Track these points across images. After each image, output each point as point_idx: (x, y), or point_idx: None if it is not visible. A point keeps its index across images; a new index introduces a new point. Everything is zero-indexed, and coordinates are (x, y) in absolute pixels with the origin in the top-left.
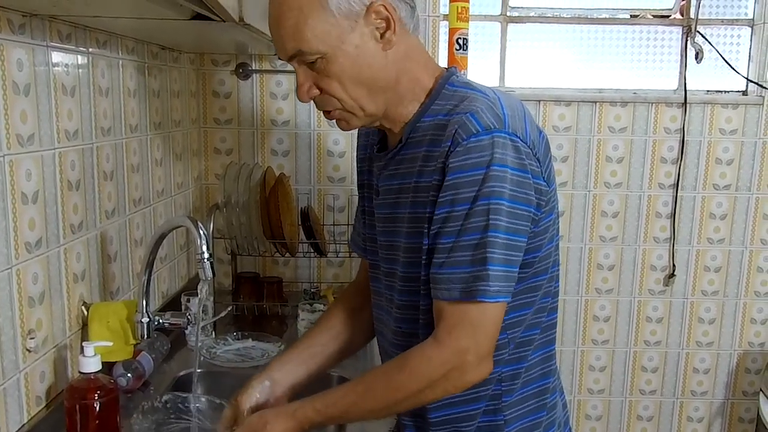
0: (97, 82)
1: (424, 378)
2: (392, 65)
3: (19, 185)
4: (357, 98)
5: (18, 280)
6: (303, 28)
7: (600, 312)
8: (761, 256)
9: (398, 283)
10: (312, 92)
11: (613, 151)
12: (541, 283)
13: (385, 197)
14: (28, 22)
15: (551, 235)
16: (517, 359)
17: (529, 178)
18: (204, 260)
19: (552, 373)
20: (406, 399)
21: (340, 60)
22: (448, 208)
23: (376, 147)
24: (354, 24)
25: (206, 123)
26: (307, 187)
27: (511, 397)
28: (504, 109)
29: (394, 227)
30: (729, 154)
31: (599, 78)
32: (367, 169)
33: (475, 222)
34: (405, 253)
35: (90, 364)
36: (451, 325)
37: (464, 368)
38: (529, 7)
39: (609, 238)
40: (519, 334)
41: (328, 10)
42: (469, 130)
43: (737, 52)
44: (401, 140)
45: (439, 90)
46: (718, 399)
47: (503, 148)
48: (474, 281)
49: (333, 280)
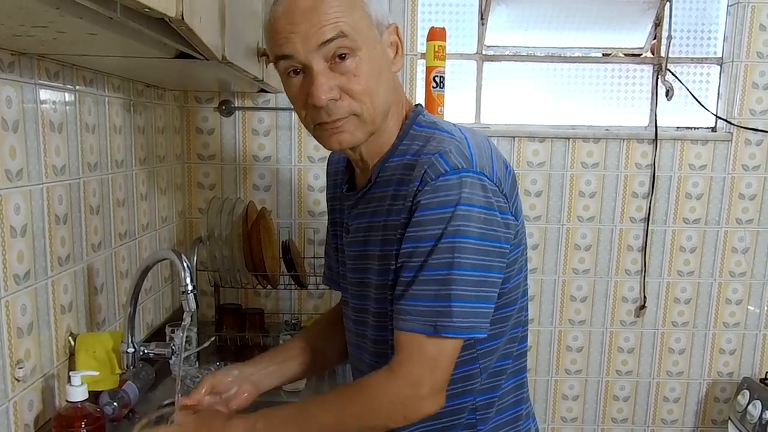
0: (84, 118)
1: (377, 401)
2: (395, 89)
3: (8, 219)
4: (376, 107)
5: (7, 311)
6: (348, 15)
7: (573, 342)
8: (730, 288)
9: (371, 319)
10: (333, 93)
11: (586, 186)
12: (511, 313)
13: (354, 235)
14: (17, 61)
15: (519, 267)
16: (491, 388)
17: (497, 215)
18: (188, 292)
19: (524, 401)
20: (355, 418)
21: (371, 61)
22: (413, 243)
23: (345, 187)
24: (380, 36)
25: (190, 158)
26: (288, 221)
27: (486, 425)
28: (471, 149)
29: (365, 264)
30: (698, 189)
31: (572, 115)
32: (338, 207)
33: (439, 258)
34: (376, 290)
35: (77, 393)
36: (407, 356)
37: (416, 401)
38: (504, 45)
39: (582, 270)
40: (491, 363)
41: (367, 12)
42: (438, 170)
43: (706, 90)
44: (370, 179)
45: (407, 130)
46: (687, 427)
47: (471, 188)
48: (437, 317)
49: (313, 311)
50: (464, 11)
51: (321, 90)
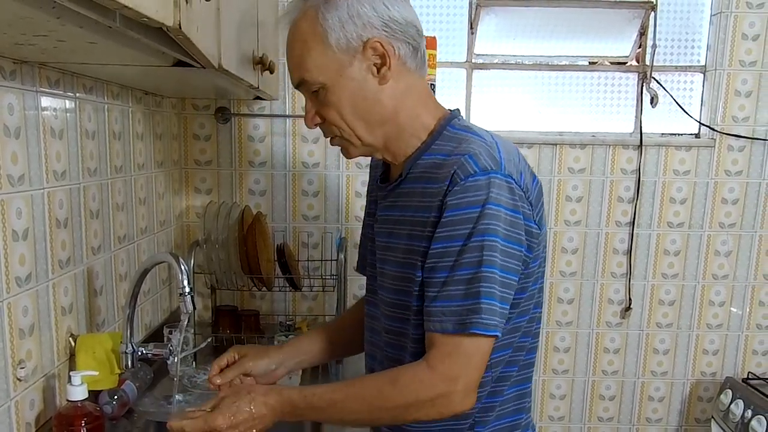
0: (84, 125)
1: (412, 397)
2: (389, 100)
3: (10, 223)
4: (354, 128)
5: (9, 313)
6: (306, 59)
7: (560, 343)
8: (712, 290)
9: (386, 309)
10: (315, 120)
11: (573, 190)
12: (521, 323)
13: (381, 226)
14: (18, 69)
15: (536, 277)
16: (493, 393)
17: (521, 219)
18: (185, 294)
19: (525, 410)
20: (389, 411)
21: (338, 91)
22: (443, 243)
23: (380, 178)
24: (352, 59)
25: (187, 164)
26: (282, 225)
27: (483, 429)
28: (501, 153)
29: (385, 256)
30: (682, 193)
31: (560, 121)
32: (374, 199)
33: (468, 257)
34: (393, 281)
35: (77, 392)
36: (445, 354)
37: (452, 396)
38: (492, 54)
39: (569, 273)
40: (498, 371)
41: (327, 44)
42: (467, 170)
43: (690, 97)
44: (401, 174)
45: (441, 131)
46: (672, 426)
47: (499, 188)
48: (467, 314)
49: (307, 313)
50: (454, 21)
51: (306, 118)
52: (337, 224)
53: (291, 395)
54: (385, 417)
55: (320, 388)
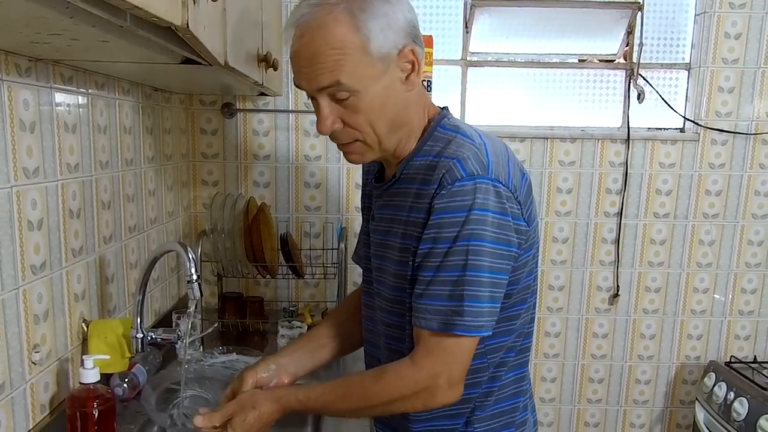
0: (96, 120)
1: (396, 393)
2: (411, 105)
3: (25, 213)
4: (380, 134)
5: (24, 300)
6: (344, 66)
7: (551, 328)
8: (697, 278)
9: (385, 303)
10: (336, 125)
11: (563, 182)
12: (520, 312)
13: (378, 224)
14: (33, 66)
15: (530, 269)
16: (491, 379)
17: (510, 220)
18: (193, 281)
19: (524, 393)
20: (375, 407)
21: (370, 98)
22: (430, 244)
23: (374, 177)
24: (387, 66)
25: (195, 157)
26: (285, 215)
27: (483, 413)
28: (489, 156)
29: (384, 253)
30: (668, 185)
31: (550, 116)
32: (368, 194)
33: (453, 260)
34: (393, 278)
35: (89, 375)
36: (428, 351)
37: (435, 391)
38: (486, 52)
39: (559, 261)
40: (498, 357)
41: (368, 52)
42: (455, 175)
43: (675, 93)
44: (395, 175)
45: (431, 131)
46: (658, 407)
47: (485, 194)
48: (452, 315)
49: (309, 300)
50: (449, 20)
51: (324, 123)
52: (338, 215)
53: (290, 402)
54: (376, 411)
55: (315, 391)
